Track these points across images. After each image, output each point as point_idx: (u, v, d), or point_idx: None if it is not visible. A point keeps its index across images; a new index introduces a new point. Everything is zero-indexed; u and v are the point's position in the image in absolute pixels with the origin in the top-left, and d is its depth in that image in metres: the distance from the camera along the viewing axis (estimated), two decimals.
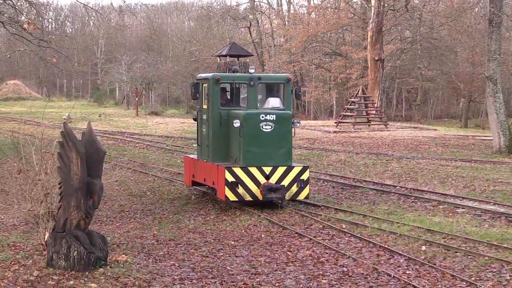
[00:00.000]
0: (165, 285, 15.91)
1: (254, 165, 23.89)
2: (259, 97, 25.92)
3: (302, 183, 24.37)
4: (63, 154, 16.98)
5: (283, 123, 24.26)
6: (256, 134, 23.91)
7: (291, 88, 26.10)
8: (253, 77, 25.49)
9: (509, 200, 26.79)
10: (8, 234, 20.75)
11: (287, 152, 24.55)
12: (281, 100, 25.78)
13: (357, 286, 16.19)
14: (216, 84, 25.19)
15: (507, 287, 15.99)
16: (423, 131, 61.08)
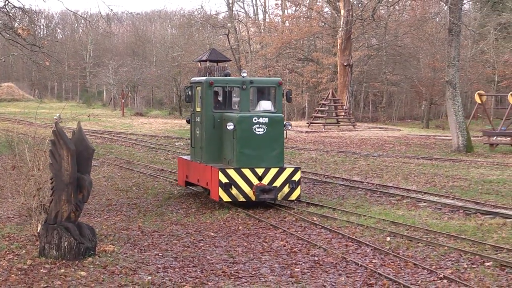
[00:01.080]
0: (150, 273, 15.90)
1: (247, 167, 23.18)
2: (251, 100, 25.27)
3: (293, 184, 23.68)
4: (55, 151, 16.97)
5: (275, 126, 23.60)
6: (249, 136, 23.21)
7: (282, 92, 25.39)
8: (245, 81, 24.77)
9: (466, 195, 26.92)
10: (3, 226, 20.68)
11: (279, 154, 23.82)
12: (273, 103, 25.16)
13: (327, 274, 16.22)
14: (210, 88, 24.49)
15: (465, 275, 16.05)
16: (388, 131, 61.26)
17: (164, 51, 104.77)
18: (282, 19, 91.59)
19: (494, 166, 36.50)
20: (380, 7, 66.34)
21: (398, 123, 76.99)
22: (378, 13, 67.33)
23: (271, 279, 15.74)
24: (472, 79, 73.87)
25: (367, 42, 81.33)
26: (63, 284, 14.73)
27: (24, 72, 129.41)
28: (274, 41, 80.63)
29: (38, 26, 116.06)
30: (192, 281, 15.37)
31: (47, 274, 15.41)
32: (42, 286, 14.50)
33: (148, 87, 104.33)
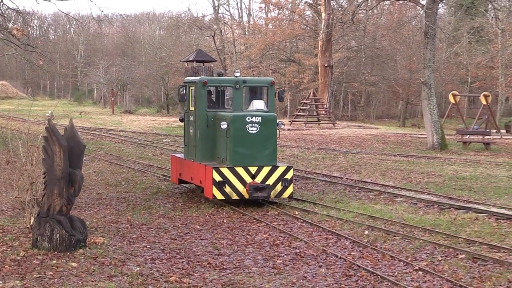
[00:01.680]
0: (138, 264, 15.88)
1: (241, 165, 22.53)
2: (244, 100, 24.57)
3: (286, 182, 23.02)
4: (47, 147, 16.94)
5: (268, 125, 22.92)
6: (243, 135, 22.55)
7: (275, 91, 24.75)
8: (238, 81, 24.12)
9: (441, 191, 27.01)
10: None
11: (272, 153, 23.16)
12: (265, 102, 24.52)
13: (308, 266, 16.25)
14: (203, 87, 23.87)
15: (439, 266, 16.12)
16: (366, 130, 61.38)
17: (153, 51, 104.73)
18: (266, 21, 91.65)
19: (467, 163, 36.63)
20: (359, 11, 66.31)
21: (376, 121, 77.13)
22: (358, 16, 67.39)
23: (254, 270, 15.76)
24: (447, 80, 74.08)
25: (347, 44, 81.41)
26: (55, 274, 14.70)
27: (18, 71, 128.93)
28: (258, 43, 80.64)
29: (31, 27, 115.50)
30: (179, 272, 15.37)
31: (40, 265, 15.38)
32: (35, 277, 14.47)
33: (137, 86, 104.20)
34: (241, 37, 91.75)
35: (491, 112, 58.50)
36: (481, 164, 36.26)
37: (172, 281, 14.53)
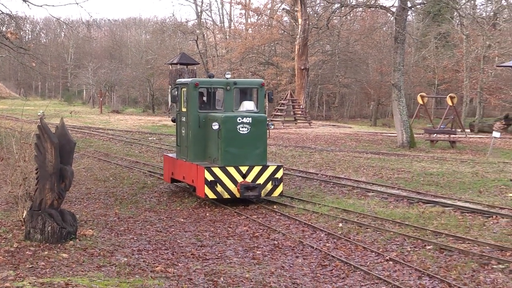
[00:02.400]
0: (126, 255, 15.86)
1: (232, 165, 21.84)
2: (235, 101, 23.81)
3: (276, 181, 22.43)
4: (40, 144, 16.92)
5: (259, 126, 22.24)
6: (234, 136, 21.83)
7: (264, 92, 24.27)
8: (229, 82, 23.46)
9: (410, 186, 27.10)
10: None
11: (262, 153, 22.49)
12: (255, 103, 23.84)
13: (286, 256, 16.28)
14: (195, 89, 23.13)
15: (408, 257, 16.20)
16: (340, 129, 61.51)
17: (139, 54, 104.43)
18: (246, 26, 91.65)
19: (434, 160, 36.76)
20: (333, 17, 66.44)
21: (349, 121, 77.29)
22: (332, 22, 67.51)
23: (235, 260, 15.78)
24: (415, 83, 74.31)
25: (322, 48, 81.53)
26: (47, 264, 14.67)
27: (11, 72, 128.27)
28: (238, 47, 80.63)
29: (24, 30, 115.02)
30: (164, 262, 15.37)
31: (32, 256, 15.36)
32: (28, 267, 14.43)
33: (124, 87, 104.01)
34: (223, 41, 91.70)
35: (456, 112, 58.74)
36: (447, 161, 36.40)
37: (158, 271, 14.52)
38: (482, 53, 62.84)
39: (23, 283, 13.16)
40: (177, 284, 13.60)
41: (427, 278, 14.56)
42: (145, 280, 13.80)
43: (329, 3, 61.65)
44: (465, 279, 14.53)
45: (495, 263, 15.75)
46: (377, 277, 14.49)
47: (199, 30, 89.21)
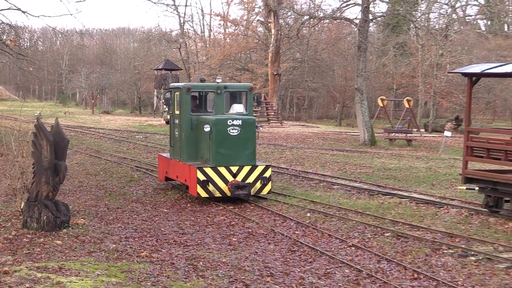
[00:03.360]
0: (114, 242, 15.82)
1: (223, 165, 20.97)
2: (225, 104, 22.82)
3: (265, 180, 21.55)
4: (36, 142, 16.86)
5: (248, 127, 21.44)
6: (224, 137, 21.05)
7: (253, 96, 23.27)
8: (220, 86, 22.60)
9: (370, 180, 27.21)
10: None
11: (252, 153, 21.68)
12: (245, 106, 23.02)
13: (259, 243, 16.30)
14: (187, 93, 22.28)
15: (369, 243, 16.26)
16: (308, 128, 61.58)
17: (127, 61, 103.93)
18: (224, 36, 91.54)
19: (392, 157, 36.93)
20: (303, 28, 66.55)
21: (316, 121, 77.37)
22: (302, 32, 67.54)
23: (213, 246, 15.77)
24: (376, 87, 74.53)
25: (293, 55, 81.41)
26: (42, 251, 14.60)
27: (10, 77, 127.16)
28: (217, 54, 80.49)
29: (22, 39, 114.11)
30: (149, 248, 15.34)
31: (29, 243, 15.29)
32: (25, 252, 14.37)
33: (114, 90, 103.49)
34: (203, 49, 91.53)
35: (412, 114, 59.09)
36: (404, 158, 36.58)
37: (143, 256, 14.50)
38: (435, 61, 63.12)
39: (20, 267, 13.10)
40: (160, 268, 13.58)
41: (385, 262, 14.64)
42: (132, 264, 13.77)
43: (299, 15, 61.83)
44: (419, 263, 14.63)
45: (445, 248, 15.88)
46: (341, 261, 14.55)
47: (182, 39, 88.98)
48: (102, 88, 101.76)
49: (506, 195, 19.38)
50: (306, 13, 63.46)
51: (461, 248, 15.76)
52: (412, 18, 62.11)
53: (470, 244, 16.24)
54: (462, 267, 14.32)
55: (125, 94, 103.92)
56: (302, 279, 13.15)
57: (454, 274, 13.81)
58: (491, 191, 19.71)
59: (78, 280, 12.34)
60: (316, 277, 13.36)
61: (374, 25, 73.70)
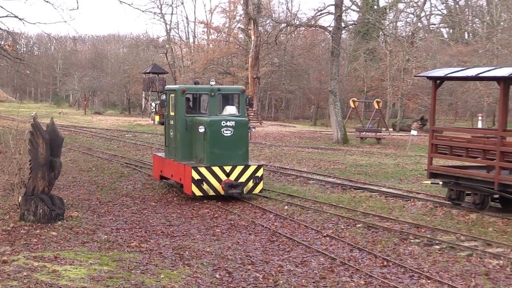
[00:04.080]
0: (106, 233, 15.78)
1: (217, 165, 20.18)
2: (219, 105, 21.97)
3: (257, 179, 20.77)
4: (33, 140, 16.82)
5: (241, 128, 20.66)
6: (218, 138, 20.26)
7: (245, 98, 22.45)
8: (213, 89, 21.83)
9: (343, 175, 27.31)
10: None
11: (244, 153, 20.82)
12: (237, 108, 22.08)
13: (241, 233, 16.31)
14: (182, 95, 21.45)
15: (342, 233, 16.32)
16: (286, 128, 61.62)
17: (117, 65, 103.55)
18: (207, 42, 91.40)
19: (363, 154, 37.08)
20: (281, 35, 66.60)
21: (293, 121, 77.42)
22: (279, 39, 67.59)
23: (198, 237, 15.77)
24: (348, 89, 74.71)
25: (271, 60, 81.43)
26: (39, 241, 14.54)
27: (8, 79, 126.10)
28: (201, 59, 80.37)
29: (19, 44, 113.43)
30: (138, 239, 15.31)
31: (26, 234, 15.23)
32: (22, 243, 14.31)
33: (105, 92, 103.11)
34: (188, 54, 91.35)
35: (381, 114, 59.34)
36: (374, 155, 36.74)
37: (133, 246, 14.46)
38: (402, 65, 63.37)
39: (18, 257, 13.05)
40: (149, 257, 13.56)
41: (357, 251, 14.70)
42: (122, 253, 13.74)
43: (277, 23, 61.98)
44: (388, 251, 14.70)
45: (412, 238, 15.98)
46: (316, 250, 14.59)
47: (168, 45, 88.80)
48: (94, 90, 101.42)
49: (467, 189, 19.54)
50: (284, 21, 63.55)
51: (427, 237, 15.87)
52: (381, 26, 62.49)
53: (435, 234, 16.36)
54: (427, 255, 14.41)
55: (115, 96, 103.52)
56: (280, 267, 13.18)
57: (420, 261, 13.90)
58: (453, 185, 19.87)
59: (73, 269, 12.31)
60: (294, 265, 13.39)
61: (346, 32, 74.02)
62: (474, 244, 15.39)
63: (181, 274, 12.32)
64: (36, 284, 11.13)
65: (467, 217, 18.49)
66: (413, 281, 12.46)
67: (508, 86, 19.62)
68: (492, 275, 12.97)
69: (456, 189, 19.87)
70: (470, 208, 19.37)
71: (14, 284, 11.08)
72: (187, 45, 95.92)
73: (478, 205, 19.20)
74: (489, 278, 12.78)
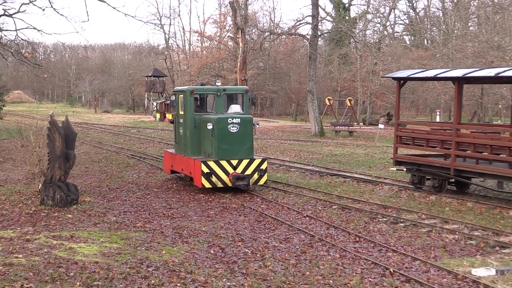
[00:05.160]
0: (115, 215, 15.78)
1: (224, 159, 19.20)
2: (224, 104, 20.83)
3: (261, 172, 19.69)
4: (50, 135, 16.81)
5: (246, 125, 19.65)
6: (225, 134, 19.31)
7: (249, 97, 21.17)
8: (219, 89, 20.79)
9: (320, 163, 27.36)
10: (15, 185, 20.23)
11: (250, 148, 19.78)
12: (241, 106, 21.03)
13: (232, 215, 16.33)
14: (191, 95, 20.46)
15: (320, 214, 16.37)
16: (270, 123, 61.65)
17: (123, 70, 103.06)
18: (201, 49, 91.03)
19: (337, 145, 37.15)
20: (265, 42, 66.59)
21: (276, 117, 77.43)
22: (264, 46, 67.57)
23: (195, 218, 15.79)
24: (324, 89, 74.64)
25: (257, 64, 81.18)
26: (57, 223, 14.55)
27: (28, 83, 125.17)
28: (195, 64, 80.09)
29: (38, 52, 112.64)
30: (142, 220, 15.32)
31: (46, 216, 15.24)
32: (43, 224, 14.32)
33: (112, 93, 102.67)
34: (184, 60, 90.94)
35: (353, 111, 59.46)
36: (347, 146, 36.83)
37: (138, 226, 14.47)
38: (371, 68, 63.48)
39: (39, 236, 13.05)
40: (152, 235, 13.57)
41: (333, 229, 14.76)
42: (129, 233, 13.75)
43: (262, 32, 61.86)
44: (359, 229, 14.77)
45: (380, 217, 16.06)
46: (297, 229, 14.64)
47: (167, 52, 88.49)
48: (103, 92, 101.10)
49: (428, 174, 19.66)
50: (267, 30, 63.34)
51: (393, 216, 15.95)
52: (352, 34, 62.52)
53: (400, 214, 16.45)
54: (393, 232, 14.49)
55: (121, 97, 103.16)
56: (266, 243, 13.22)
57: (387, 237, 13.98)
58: (416, 172, 19.98)
59: (86, 246, 12.32)
60: (278, 241, 13.43)
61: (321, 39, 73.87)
62: (433, 221, 15.50)
63: (180, 250, 12.34)
64: (55, 259, 11.14)
65: (427, 198, 18.61)
66: (381, 254, 12.54)
67: (461, 85, 19.74)
68: (448, 247, 13.08)
69: (418, 175, 19.99)
70: (430, 191, 19.50)
71: (36, 259, 11.09)
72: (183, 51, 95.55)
73: (436, 188, 19.34)
74: (446, 250, 12.88)
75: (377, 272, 11.15)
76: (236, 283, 10.25)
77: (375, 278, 10.81)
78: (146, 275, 10.44)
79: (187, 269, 10.93)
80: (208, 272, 10.81)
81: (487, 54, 45.18)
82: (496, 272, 11.23)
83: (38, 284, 9.71)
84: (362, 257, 12.10)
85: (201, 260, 11.70)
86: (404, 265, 11.72)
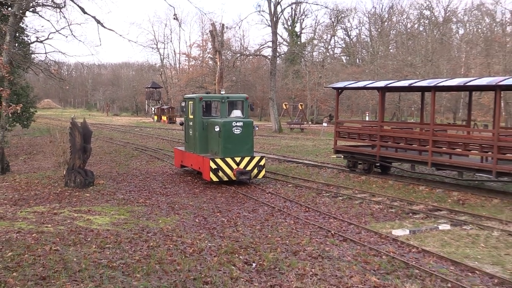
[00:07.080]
0: (122, 194, 15.59)
1: (229, 156, 17.87)
2: (227, 110, 19.43)
3: (260, 167, 18.18)
4: (72, 132, 16.57)
5: (248, 128, 18.31)
6: (230, 135, 17.97)
7: (248, 104, 20.12)
8: (224, 97, 19.53)
9: (279, 153, 27.35)
10: (46, 172, 19.90)
11: (250, 147, 18.32)
12: (242, 112, 19.62)
13: (212, 192, 16.27)
14: (200, 102, 19.14)
15: (279, 191, 16.35)
16: None
17: (128, 83, 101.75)
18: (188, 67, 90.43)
19: (292, 139, 37.23)
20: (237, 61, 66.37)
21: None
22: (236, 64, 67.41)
23: (183, 195, 15.70)
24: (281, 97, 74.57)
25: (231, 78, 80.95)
26: (77, 200, 14.34)
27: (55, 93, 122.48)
28: (184, 78, 79.56)
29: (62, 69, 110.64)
30: (144, 197, 15.17)
31: (69, 196, 15.00)
32: (66, 201, 14.10)
33: (120, 101, 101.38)
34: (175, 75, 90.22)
35: (304, 113, 59.64)
36: (299, 139, 36.94)
37: (140, 202, 14.34)
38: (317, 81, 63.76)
39: (64, 210, 12.86)
40: (151, 209, 13.47)
41: (289, 202, 14.80)
42: (134, 207, 13.62)
43: (234, 53, 61.74)
44: (309, 202, 14.83)
45: (324, 192, 16.13)
46: (262, 202, 14.65)
47: (162, 69, 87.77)
48: (113, 100, 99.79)
49: (359, 160, 19.83)
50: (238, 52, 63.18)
51: (333, 192, 16.05)
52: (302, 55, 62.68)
53: (339, 190, 16.56)
54: (334, 203, 14.59)
55: (127, 103, 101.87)
56: (239, 213, 13.21)
57: (329, 208, 14.07)
58: (350, 158, 20.14)
59: (100, 218, 12.17)
60: (247, 212, 13.43)
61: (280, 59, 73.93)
62: (363, 195, 15.64)
63: (172, 220, 12.27)
64: (76, 228, 11.01)
65: (359, 178, 18.78)
66: (325, 220, 12.62)
67: (384, 93, 19.94)
68: (375, 214, 13.23)
69: (352, 160, 20.15)
70: (361, 173, 19.68)
71: (61, 228, 10.95)
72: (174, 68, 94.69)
73: (366, 170, 19.52)
74: (373, 216, 13.03)
75: (322, 234, 11.23)
76: (215, 244, 10.24)
77: (320, 238, 10.89)
78: (146, 239, 10.37)
79: (178, 234, 10.88)
80: (194, 236, 10.77)
81: (403, 70, 45.79)
82: (409, 232, 11.41)
83: (63, 247, 9.60)
84: (311, 223, 12.17)
85: (189, 227, 11.65)
86: (342, 228, 11.82)
